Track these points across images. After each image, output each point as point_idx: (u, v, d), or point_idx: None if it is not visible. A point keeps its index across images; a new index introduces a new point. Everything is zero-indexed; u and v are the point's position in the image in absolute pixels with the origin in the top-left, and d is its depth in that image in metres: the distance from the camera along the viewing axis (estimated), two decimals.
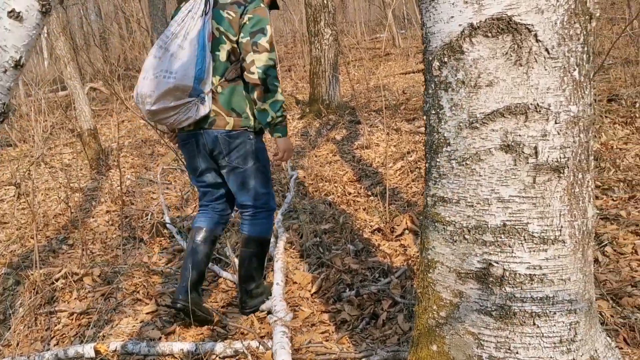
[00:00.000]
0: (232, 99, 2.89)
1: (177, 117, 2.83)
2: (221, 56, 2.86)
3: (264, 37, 2.80)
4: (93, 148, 7.67)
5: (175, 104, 2.77)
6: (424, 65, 1.66)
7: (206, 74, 2.78)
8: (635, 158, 4.44)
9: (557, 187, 1.50)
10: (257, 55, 2.78)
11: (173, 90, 2.73)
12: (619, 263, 3.02)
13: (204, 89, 2.80)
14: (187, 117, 2.82)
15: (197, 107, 2.81)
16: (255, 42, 2.78)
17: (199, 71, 2.75)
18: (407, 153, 5.90)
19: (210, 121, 2.89)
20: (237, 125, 2.90)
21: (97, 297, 3.48)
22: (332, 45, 8.76)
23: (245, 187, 3.02)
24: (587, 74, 1.51)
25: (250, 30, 2.80)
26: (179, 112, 2.81)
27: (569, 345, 1.56)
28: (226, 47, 2.86)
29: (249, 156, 2.96)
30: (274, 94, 2.82)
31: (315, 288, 3.27)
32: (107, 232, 4.91)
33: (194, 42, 2.76)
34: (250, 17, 2.81)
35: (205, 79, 2.78)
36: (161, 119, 2.87)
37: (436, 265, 1.69)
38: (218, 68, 2.86)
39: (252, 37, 2.79)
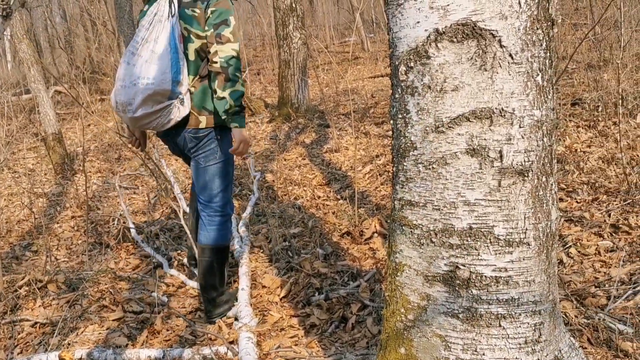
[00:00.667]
0: (203, 98, 2.91)
1: (159, 121, 2.85)
2: (190, 55, 2.88)
3: (227, 28, 2.81)
4: (58, 152, 7.54)
5: (156, 109, 2.80)
6: (391, 70, 1.67)
7: (182, 76, 2.81)
8: (598, 161, 4.54)
9: (521, 191, 1.52)
10: (220, 45, 2.79)
11: (153, 95, 2.76)
12: (583, 264, 3.07)
13: (182, 90, 2.83)
14: (168, 119, 2.85)
15: (178, 109, 2.84)
16: (219, 34, 2.80)
17: (175, 74, 2.78)
18: (376, 156, 5.93)
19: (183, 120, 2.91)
20: (210, 123, 2.92)
21: (62, 305, 3.42)
22: (301, 48, 8.77)
23: (205, 185, 3.05)
24: (550, 79, 1.54)
25: (214, 23, 2.81)
26: (160, 116, 2.83)
27: (533, 346, 1.58)
28: (194, 46, 2.88)
29: (213, 154, 2.99)
30: (234, 84, 2.81)
31: (284, 292, 3.26)
32: (72, 238, 4.82)
33: (165, 45, 2.78)
34: (213, 10, 2.82)
35: (181, 80, 2.81)
36: (144, 124, 2.89)
37: (404, 268, 1.70)
38: (190, 67, 2.89)
39: (216, 29, 2.80)
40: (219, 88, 2.81)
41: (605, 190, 3.92)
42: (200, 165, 3.02)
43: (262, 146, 7.58)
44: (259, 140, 7.94)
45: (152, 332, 3.02)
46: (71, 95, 6.17)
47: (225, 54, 2.79)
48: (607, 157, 4.56)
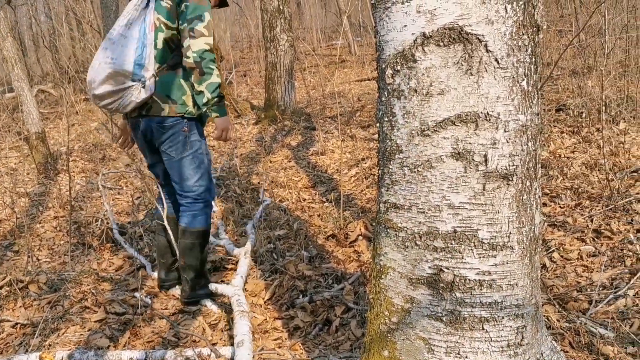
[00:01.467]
0: (168, 86, 3.01)
1: (120, 102, 2.99)
2: (159, 44, 3.00)
3: (201, 23, 2.91)
4: (41, 152, 7.47)
5: (116, 88, 2.94)
6: (378, 73, 1.67)
7: (147, 60, 2.94)
8: (582, 166, 4.58)
9: (506, 195, 1.53)
10: (193, 40, 2.89)
11: (113, 74, 2.92)
12: (566, 268, 3.10)
13: (145, 75, 2.96)
14: (129, 101, 2.98)
15: (138, 91, 2.96)
16: (192, 28, 2.89)
17: (138, 57, 2.92)
18: (361, 160, 5.94)
19: (147, 107, 3.03)
20: (173, 111, 3.02)
21: (43, 305, 3.38)
22: (288, 51, 8.77)
23: (181, 177, 3.14)
24: (535, 84, 1.55)
25: (187, 17, 2.91)
26: (122, 97, 2.97)
27: (516, 349, 1.59)
28: (163, 35, 3.00)
29: (184, 147, 3.08)
30: (210, 76, 2.91)
31: (268, 295, 3.25)
32: (54, 238, 4.78)
33: (135, 31, 2.94)
34: (187, 5, 2.92)
35: (146, 65, 2.94)
36: (107, 104, 3.02)
37: (388, 271, 1.70)
38: (157, 56, 2.99)
39: (190, 24, 2.90)
40: (196, 82, 2.93)
41: (588, 196, 3.96)
42: (174, 159, 3.10)
43: (248, 148, 7.57)
44: (244, 142, 7.92)
45: (134, 334, 3.00)
46: (60, 93, 6.12)
47: (198, 47, 2.89)
48: (590, 162, 4.61)
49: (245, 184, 5.71)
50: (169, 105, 3.01)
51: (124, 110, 3.03)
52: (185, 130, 3.06)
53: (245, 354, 2.40)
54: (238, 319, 2.69)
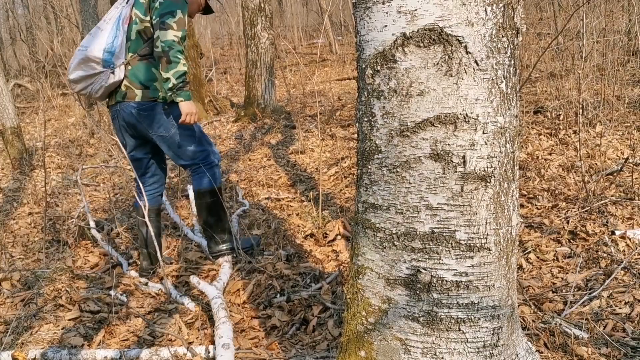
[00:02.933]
0: (140, 74, 3.29)
1: (92, 87, 3.29)
2: (132, 35, 3.29)
3: (172, 18, 3.16)
4: (16, 147, 7.36)
5: (88, 74, 3.25)
6: (358, 73, 1.67)
7: (118, 49, 3.23)
8: (559, 168, 4.63)
9: (483, 196, 1.53)
10: (162, 32, 3.15)
11: (85, 60, 3.22)
12: (542, 269, 3.13)
13: (116, 62, 3.25)
14: (100, 85, 3.28)
15: (107, 77, 3.25)
16: (163, 22, 3.15)
17: (109, 45, 3.22)
18: (341, 159, 5.94)
19: (122, 94, 3.31)
20: (146, 96, 3.30)
21: (16, 303, 3.33)
22: (269, 49, 8.74)
23: (179, 151, 3.42)
24: (514, 87, 1.55)
25: (160, 12, 3.18)
26: (93, 82, 3.28)
27: (491, 350, 1.60)
28: (137, 27, 3.29)
29: (169, 123, 3.35)
30: (176, 65, 3.15)
31: (246, 295, 3.24)
32: (29, 235, 4.71)
33: (110, 23, 3.26)
34: (161, 2, 3.20)
35: (117, 53, 3.23)
36: (80, 89, 3.33)
37: (366, 271, 1.70)
38: (131, 46, 3.30)
39: (161, 18, 3.16)
40: (163, 70, 3.16)
41: (564, 198, 4.00)
42: (166, 137, 3.37)
43: (227, 146, 7.53)
44: (224, 140, 7.88)
45: (109, 332, 2.96)
46: (36, 88, 6.03)
47: (166, 38, 3.14)
48: (567, 164, 4.66)
49: (224, 181, 5.68)
50: (142, 91, 3.29)
51: (96, 95, 3.32)
52: (166, 109, 3.32)
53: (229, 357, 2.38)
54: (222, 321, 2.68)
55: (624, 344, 2.38)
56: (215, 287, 3.11)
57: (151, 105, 3.30)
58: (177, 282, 3.53)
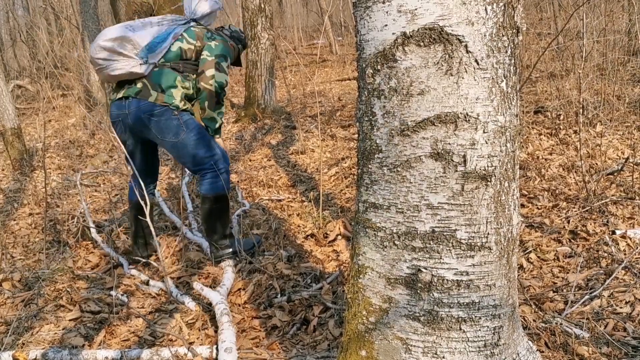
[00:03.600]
0: (163, 77, 3.37)
1: (114, 65, 3.30)
2: (174, 47, 3.42)
3: (225, 63, 3.46)
4: (16, 148, 7.36)
5: (119, 51, 3.27)
6: (358, 72, 1.67)
7: (158, 50, 3.34)
8: (559, 168, 4.63)
9: (484, 195, 1.53)
10: (218, 73, 3.40)
11: (125, 39, 3.27)
12: (542, 269, 3.13)
13: (150, 59, 3.34)
14: (122, 66, 3.31)
15: (134, 65, 3.31)
16: (219, 63, 3.41)
17: (153, 42, 3.33)
18: (341, 159, 5.94)
19: (136, 90, 3.35)
20: (160, 100, 3.34)
21: (17, 304, 3.33)
22: (269, 49, 8.74)
23: (187, 156, 3.47)
24: (514, 86, 1.55)
25: (216, 53, 3.43)
26: (118, 60, 3.30)
27: (492, 349, 1.60)
28: (181, 44, 3.43)
29: (179, 128, 3.39)
30: (221, 107, 3.48)
31: (246, 295, 3.24)
32: (29, 236, 4.71)
33: (164, 27, 3.42)
34: (217, 45, 3.45)
35: (156, 53, 3.34)
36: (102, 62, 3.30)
37: (366, 270, 1.70)
38: (167, 55, 3.40)
39: (217, 58, 3.41)
40: (209, 108, 3.44)
41: (565, 197, 4.00)
42: (175, 142, 3.41)
43: (228, 146, 7.53)
44: (224, 140, 7.87)
45: (110, 333, 2.96)
46: (36, 89, 6.03)
47: (220, 79, 3.41)
48: (567, 164, 4.65)
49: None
50: (157, 93, 3.34)
51: (110, 73, 3.33)
52: (176, 114, 3.38)
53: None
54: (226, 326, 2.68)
55: (625, 343, 2.38)
56: (219, 292, 3.09)
57: (162, 110, 3.34)
58: (178, 282, 3.53)
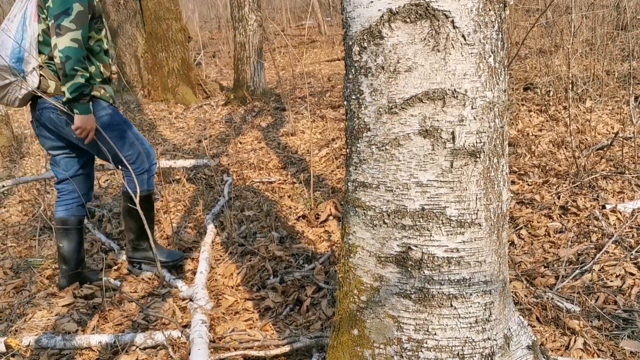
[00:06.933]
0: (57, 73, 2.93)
1: (8, 97, 2.98)
2: (40, 36, 2.91)
3: (67, 18, 2.78)
4: (5, 135, 7.30)
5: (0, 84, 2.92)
6: (345, 50, 1.65)
7: (26, 53, 2.86)
8: (549, 144, 4.64)
9: (473, 172, 1.53)
10: (59, 38, 2.79)
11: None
12: (533, 245, 3.14)
13: (26, 68, 2.90)
14: (15, 97, 2.98)
15: (20, 87, 2.93)
16: (59, 25, 2.78)
17: (16, 50, 2.85)
18: (332, 140, 5.93)
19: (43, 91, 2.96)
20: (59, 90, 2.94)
21: (9, 291, 3.32)
22: (257, 31, 8.67)
23: (103, 153, 3.10)
24: (502, 61, 1.54)
25: (54, 13, 2.79)
26: (6, 93, 2.97)
27: (484, 325, 1.60)
28: (42, 27, 2.91)
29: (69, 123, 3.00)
30: (72, 78, 2.81)
31: (239, 277, 3.24)
32: (20, 223, 4.68)
33: (15, 23, 2.88)
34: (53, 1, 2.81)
35: (25, 58, 2.87)
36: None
37: (357, 250, 1.70)
38: (40, 47, 2.93)
39: (56, 20, 2.79)
40: (61, 82, 2.86)
41: (555, 173, 4.01)
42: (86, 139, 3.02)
43: (217, 129, 7.49)
44: (214, 124, 7.84)
45: (103, 317, 2.96)
46: None
47: (63, 45, 2.78)
48: (557, 140, 4.66)
49: (215, 165, 5.66)
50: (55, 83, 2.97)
51: (14, 104, 3.02)
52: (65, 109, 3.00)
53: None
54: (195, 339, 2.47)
55: (616, 316, 2.40)
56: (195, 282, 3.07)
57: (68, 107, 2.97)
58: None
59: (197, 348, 2.30)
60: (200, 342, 2.34)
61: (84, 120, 2.93)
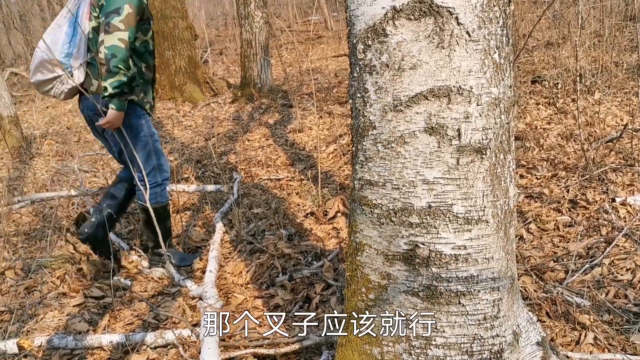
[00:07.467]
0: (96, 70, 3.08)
1: (55, 90, 3.13)
2: (90, 33, 3.05)
3: (118, 17, 2.88)
4: (14, 136, 7.34)
5: (47, 78, 3.07)
6: (349, 48, 1.65)
7: (76, 49, 3.03)
8: (558, 137, 4.61)
9: (480, 168, 1.52)
10: (107, 35, 2.88)
11: (42, 63, 3.03)
12: (542, 239, 3.13)
13: (74, 64, 3.05)
14: (61, 90, 3.12)
15: (67, 81, 3.07)
16: (108, 22, 2.88)
17: (66, 45, 3.01)
18: (339, 136, 5.92)
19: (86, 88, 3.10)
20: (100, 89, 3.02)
21: (21, 291, 3.34)
22: (263, 28, 8.66)
23: (126, 158, 3.19)
24: (507, 57, 1.54)
25: (106, 11, 2.90)
26: (54, 86, 3.11)
27: (492, 322, 1.60)
28: (92, 24, 3.03)
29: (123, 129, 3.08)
30: (115, 75, 2.91)
31: (249, 275, 3.25)
32: (30, 223, 4.71)
33: (68, 19, 3.03)
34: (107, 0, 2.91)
35: (74, 54, 3.03)
36: (45, 91, 3.17)
37: (364, 248, 1.70)
38: (90, 45, 3.06)
39: (106, 18, 2.89)
40: (103, 78, 2.95)
41: (564, 167, 3.99)
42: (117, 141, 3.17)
43: (225, 127, 7.51)
44: (221, 121, 7.85)
45: (113, 317, 2.98)
46: (27, 77, 5.99)
47: (110, 43, 2.88)
48: (566, 133, 4.64)
49: (223, 163, 5.67)
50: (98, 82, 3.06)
51: (59, 98, 3.15)
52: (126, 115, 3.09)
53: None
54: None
55: (626, 310, 2.39)
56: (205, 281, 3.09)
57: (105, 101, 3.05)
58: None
59: (207, 347, 2.30)
60: (211, 340, 2.34)
61: (115, 116, 3.02)
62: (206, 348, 2.30)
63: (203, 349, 2.30)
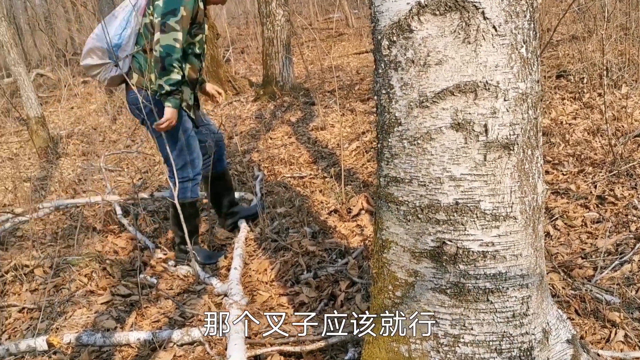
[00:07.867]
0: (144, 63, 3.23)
1: (101, 76, 3.32)
2: (141, 28, 3.21)
3: (174, 18, 3.03)
4: (41, 136, 7.45)
5: (96, 63, 3.26)
6: (374, 45, 1.64)
7: (125, 40, 3.20)
8: (584, 132, 4.54)
9: (507, 164, 1.51)
10: (162, 35, 3.04)
11: (93, 49, 3.23)
12: (570, 236, 3.09)
13: (121, 54, 3.22)
14: (106, 76, 3.31)
15: (111, 69, 3.27)
16: (164, 22, 3.03)
17: (116, 37, 3.18)
18: (362, 133, 5.90)
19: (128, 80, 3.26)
20: (139, 83, 3.23)
21: (49, 289, 3.39)
22: (285, 26, 8.67)
23: (161, 151, 3.35)
24: (534, 51, 1.52)
25: (162, 12, 3.04)
26: (101, 72, 3.30)
27: (521, 319, 1.58)
28: (145, 20, 3.20)
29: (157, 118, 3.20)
30: (169, 73, 3.07)
31: (273, 273, 3.25)
32: (58, 222, 4.78)
33: (124, 12, 3.22)
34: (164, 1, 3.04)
35: (123, 45, 3.21)
36: (93, 75, 3.36)
37: (390, 245, 1.69)
38: (139, 39, 3.23)
39: (163, 18, 3.03)
40: (157, 76, 3.10)
41: (591, 162, 3.93)
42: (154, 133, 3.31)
43: (248, 125, 7.53)
44: (244, 120, 7.88)
45: (140, 315, 3.01)
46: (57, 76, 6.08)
47: (166, 42, 3.04)
48: (592, 128, 4.57)
49: (247, 161, 5.69)
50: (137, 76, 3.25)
51: (104, 83, 3.35)
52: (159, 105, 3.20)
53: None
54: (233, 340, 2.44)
55: None
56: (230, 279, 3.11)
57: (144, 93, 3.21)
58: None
59: (233, 343, 2.32)
60: (237, 337, 2.35)
61: (173, 113, 3.17)
62: (232, 345, 2.31)
63: (229, 346, 2.31)
